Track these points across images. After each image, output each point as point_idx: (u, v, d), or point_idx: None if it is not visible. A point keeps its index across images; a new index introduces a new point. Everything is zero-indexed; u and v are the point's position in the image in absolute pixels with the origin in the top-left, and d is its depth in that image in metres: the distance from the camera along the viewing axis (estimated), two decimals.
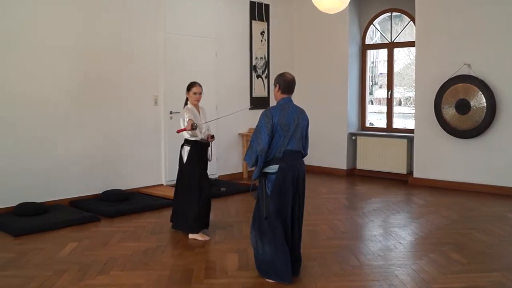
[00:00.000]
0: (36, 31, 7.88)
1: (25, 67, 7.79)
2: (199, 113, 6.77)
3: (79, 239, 6.48)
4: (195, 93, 6.74)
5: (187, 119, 6.48)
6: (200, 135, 6.61)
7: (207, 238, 6.56)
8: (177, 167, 6.84)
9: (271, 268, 5.11)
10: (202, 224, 6.68)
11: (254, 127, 10.88)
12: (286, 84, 5.29)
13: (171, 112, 9.56)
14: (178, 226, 6.79)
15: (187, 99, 6.84)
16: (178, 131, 6.62)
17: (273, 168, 5.15)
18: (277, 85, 5.31)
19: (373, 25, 11.58)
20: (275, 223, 5.11)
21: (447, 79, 9.65)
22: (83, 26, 8.40)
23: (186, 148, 6.68)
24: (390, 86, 11.28)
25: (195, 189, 6.63)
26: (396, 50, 11.41)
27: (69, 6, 8.24)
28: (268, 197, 5.16)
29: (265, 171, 5.18)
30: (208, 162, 6.88)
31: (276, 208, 5.12)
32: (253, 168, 5.26)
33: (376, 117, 12.10)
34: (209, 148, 6.85)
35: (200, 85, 6.81)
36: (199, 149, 6.69)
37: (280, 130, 5.10)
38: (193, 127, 6.38)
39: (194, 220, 6.57)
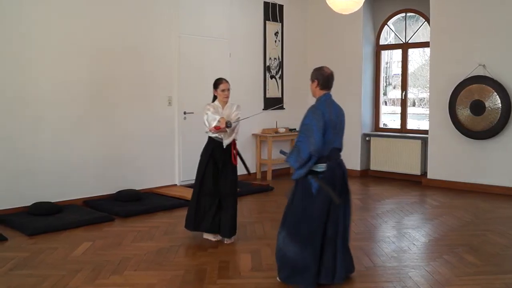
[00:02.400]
0: (51, 33, 7.93)
1: (40, 69, 7.84)
2: (223, 109, 6.56)
3: (93, 239, 6.51)
4: (223, 90, 6.50)
5: (219, 117, 6.24)
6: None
7: (218, 238, 6.52)
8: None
9: (299, 271, 4.94)
10: (202, 224, 6.47)
11: (268, 127, 10.86)
12: (325, 79, 5.09)
13: (185, 113, 9.58)
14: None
15: (214, 97, 6.65)
16: (213, 130, 6.30)
17: (321, 167, 4.94)
18: (316, 80, 5.10)
19: (387, 25, 11.55)
20: (313, 223, 4.92)
21: (461, 79, 9.60)
22: (98, 28, 8.44)
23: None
24: (404, 87, 11.24)
25: (196, 186, 6.50)
26: (410, 51, 11.37)
27: (84, 7, 8.28)
28: (312, 195, 4.94)
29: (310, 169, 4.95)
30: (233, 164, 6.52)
31: (320, 207, 4.92)
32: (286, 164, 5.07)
33: (390, 118, 12.07)
34: (233, 150, 6.54)
35: (227, 81, 6.60)
36: (212, 146, 6.48)
37: (329, 127, 4.89)
38: (227, 125, 6.19)
39: (189, 216, 6.53)
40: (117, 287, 4.96)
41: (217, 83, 6.56)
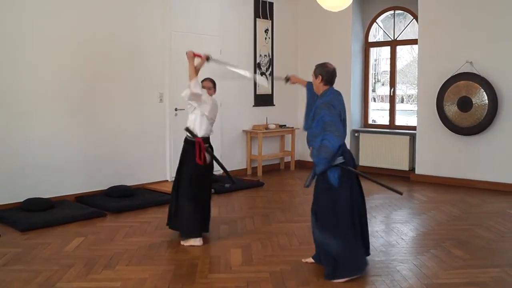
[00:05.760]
0: (43, 29, 7.93)
1: (32, 65, 7.85)
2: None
3: (85, 234, 6.55)
4: (208, 89, 6.51)
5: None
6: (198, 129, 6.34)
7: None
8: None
9: (347, 261, 5.01)
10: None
11: (258, 124, 10.90)
12: (330, 75, 5.23)
13: (176, 109, 9.62)
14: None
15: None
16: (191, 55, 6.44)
17: (339, 159, 5.04)
18: (320, 76, 5.23)
19: (376, 23, 11.62)
20: (345, 214, 5.04)
21: (449, 76, 9.69)
22: (89, 24, 8.45)
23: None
24: (392, 84, 11.32)
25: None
26: (398, 48, 11.45)
27: (74, 3, 8.29)
28: (335, 189, 5.07)
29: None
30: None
31: (346, 199, 5.07)
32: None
33: (378, 114, 12.15)
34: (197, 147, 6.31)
35: (211, 80, 6.64)
36: (185, 147, 6.51)
37: (342, 119, 5.11)
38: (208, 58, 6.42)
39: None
40: (109, 282, 4.99)
41: (201, 82, 6.54)
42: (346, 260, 5.03)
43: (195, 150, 6.25)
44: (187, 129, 6.38)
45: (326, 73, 5.22)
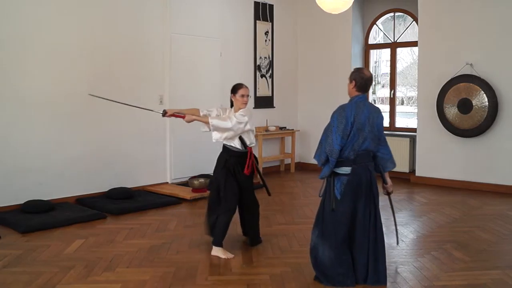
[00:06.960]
0: (42, 32, 7.95)
1: (33, 68, 7.86)
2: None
3: (85, 236, 6.55)
4: (242, 96, 6.03)
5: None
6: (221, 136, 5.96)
7: (229, 256, 5.91)
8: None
9: (330, 272, 4.95)
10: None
11: (259, 126, 10.91)
12: (364, 82, 5.05)
13: None
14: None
15: (231, 103, 6.21)
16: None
17: (345, 170, 4.90)
18: (354, 81, 5.06)
19: (376, 25, 11.64)
20: (341, 227, 4.91)
21: (449, 78, 9.70)
22: (89, 27, 8.46)
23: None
24: (392, 86, 11.34)
25: (228, 202, 6.07)
26: (399, 50, 11.47)
27: (75, 6, 8.30)
28: (336, 200, 4.92)
29: (335, 171, 4.93)
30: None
31: (345, 212, 4.92)
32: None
33: None
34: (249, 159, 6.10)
35: (247, 87, 6.16)
36: (226, 156, 6.12)
37: (356, 129, 4.85)
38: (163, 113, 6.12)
39: (221, 233, 6.01)
40: (109, 284, 5.00)
41: (236, 87, 6.10)
42: (330, 273, 4.96)
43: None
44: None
45: (361, 79, 5.04)
